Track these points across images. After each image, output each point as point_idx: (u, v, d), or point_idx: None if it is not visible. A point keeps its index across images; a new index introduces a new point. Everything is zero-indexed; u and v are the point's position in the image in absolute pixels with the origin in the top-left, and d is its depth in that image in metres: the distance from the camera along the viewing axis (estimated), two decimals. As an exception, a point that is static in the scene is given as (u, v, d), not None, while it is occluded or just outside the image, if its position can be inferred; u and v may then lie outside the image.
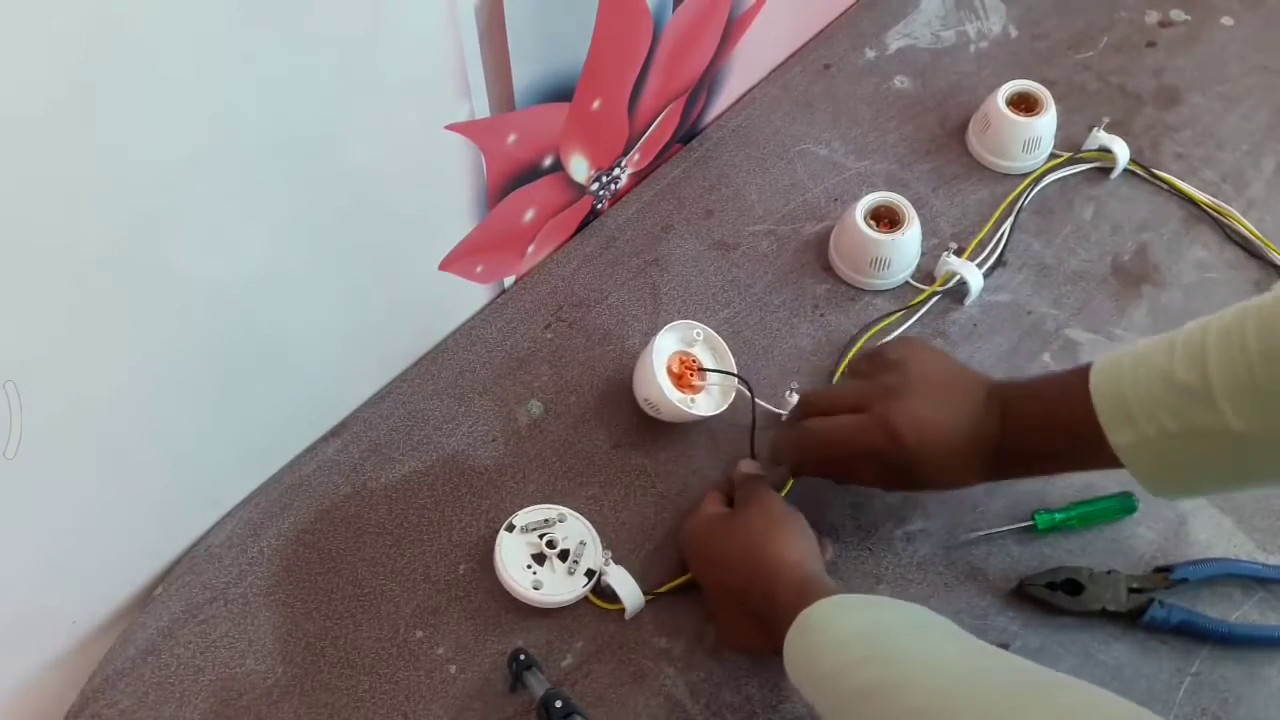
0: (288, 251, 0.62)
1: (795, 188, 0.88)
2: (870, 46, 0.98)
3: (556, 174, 0.77)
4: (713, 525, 0.66)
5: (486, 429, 0.76)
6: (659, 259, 0.84)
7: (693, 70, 0.84)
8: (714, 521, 0.67)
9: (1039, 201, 0.87)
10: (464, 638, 0.68)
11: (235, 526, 0.72)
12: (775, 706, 0.65)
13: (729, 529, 0.65)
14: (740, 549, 0.63)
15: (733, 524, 0.65)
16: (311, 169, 0.59)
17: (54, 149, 0.46)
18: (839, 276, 0.83)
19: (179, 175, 0.52)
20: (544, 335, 0.81)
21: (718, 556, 0.65)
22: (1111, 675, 0.66)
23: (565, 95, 0.72)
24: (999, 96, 0.86)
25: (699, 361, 0.75)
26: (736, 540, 0.64)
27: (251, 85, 0.52)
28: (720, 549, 0.65)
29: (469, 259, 0.76)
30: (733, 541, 0.64)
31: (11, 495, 0.56)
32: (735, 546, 0.64)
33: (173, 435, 0.64)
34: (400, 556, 0.71)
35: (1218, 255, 0.84)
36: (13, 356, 0.51)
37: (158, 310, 0.56)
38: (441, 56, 0.61)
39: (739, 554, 0.63)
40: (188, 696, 0.66)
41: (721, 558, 0.64)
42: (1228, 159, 0.89)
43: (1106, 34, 0.98)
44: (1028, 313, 0.81)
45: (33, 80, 0.43)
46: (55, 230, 0.49)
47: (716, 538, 0.65)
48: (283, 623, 0.69)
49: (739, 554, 0.63)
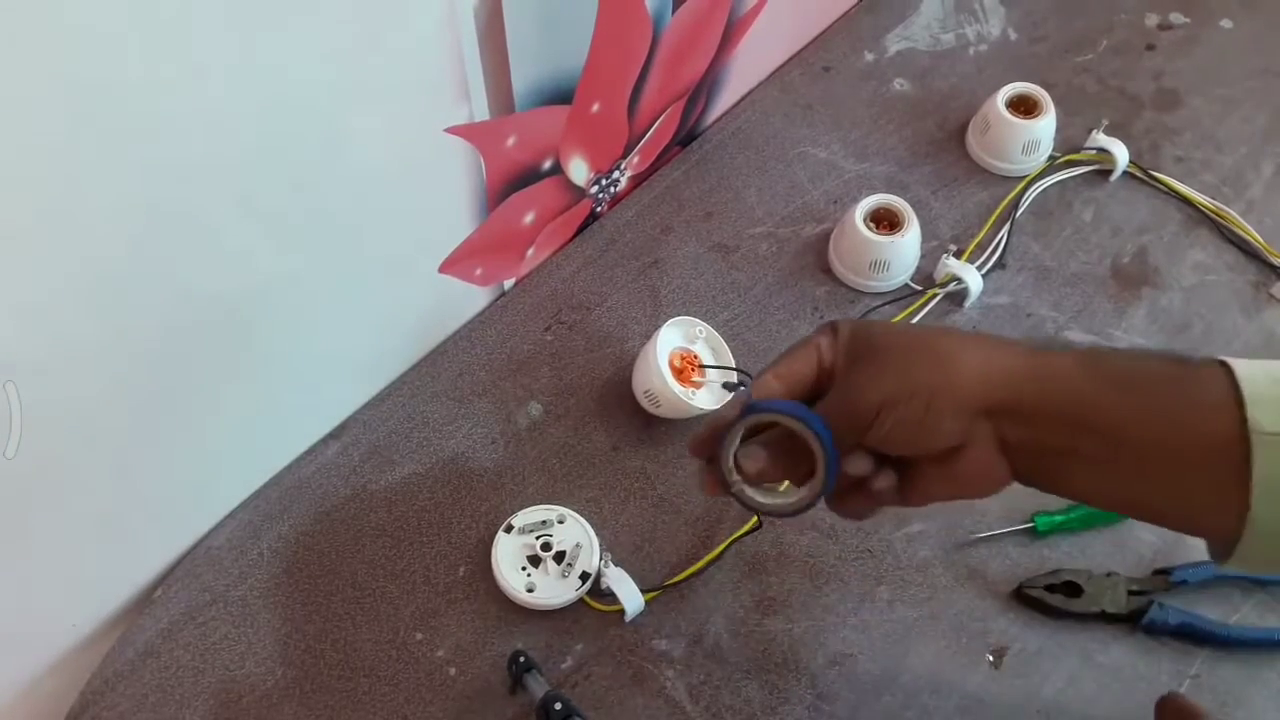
0: (287, 254, 0.62)
1: (795, 190, 0.88)
2: (870, 49, 0.98)
3: (556, 176, 0.77)
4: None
5: (486, 431, 0.76)
6: (659, 261, 0.84)
7: (692, 73, 0.84)
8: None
9: (1038, 204, 0.87)
10: (464, 640, 0.68)
11: (235, 529, 0.72)
12: (774, 709, 0.65)
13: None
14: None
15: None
16: (310, 172, 0.59)
17: (54, 149, 0.46)
18: (839, 279, 0.83)
19: (179, 177, 0.52)
20: (544, 337, 0.81)
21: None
22: (1111, 677, 0.66)
23: (565, 98, 0.72)
24: (998, 99, 0.86)
25: (700, 359, 0.75)
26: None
27: (250, 88, 0.52)
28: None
29: (468, 261, 0.77)
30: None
31: (11, 495, 0.56)
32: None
33: (172, 436, 0.64)
34: (400, 559, 0.71)
35: (1217, 257, 0.84)
36: (13, 356, 0.51)
37: (157, 311, 0.57)
38: (440, 59, 0.61)
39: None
40: (187, 699, 0.66)
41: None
42: (1227, 161, 0.89)
43: (1106, 36, 0.98)
44: (1027, 315, 0.81)
45: (32, 80, 0.43)
46: (55, 231, 0.49)
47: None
48: (282, 625, 0.69)
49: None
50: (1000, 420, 0.48)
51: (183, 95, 0.49)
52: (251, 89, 0.52)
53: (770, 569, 0.70)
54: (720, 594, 0.69)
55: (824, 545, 0.71)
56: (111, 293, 0.53)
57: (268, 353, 0.66)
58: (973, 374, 0.48)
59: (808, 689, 0.66)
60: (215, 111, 0.51)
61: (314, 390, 0.73)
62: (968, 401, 0.48)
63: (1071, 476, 0.49)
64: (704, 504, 0.73)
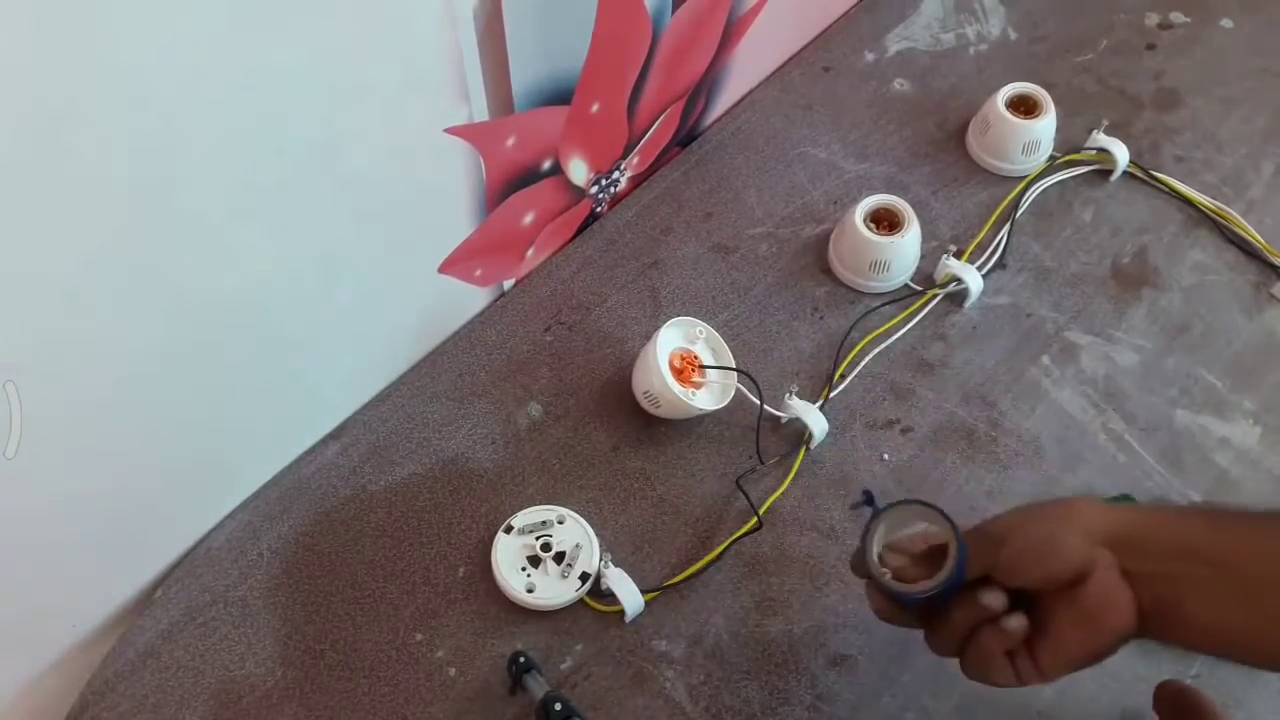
0: (286, 254, 0.62)
1: (795, 190, 0.88)
2: (870, 49, 0.98)
3: (556, 177, 0.77)
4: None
5: (486, 431, 0.76)
6: (658, 262, 0.84)
7: (692, 73, 0.84)
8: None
9: (1038, 204, 0.87)
10: (463, 640, 0.68)
11: (235, 529, 0.72)
12: (774, 709, 0.65)
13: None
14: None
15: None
16: (310, 172, 0.59)
17: (53, 149, 0.46)
18: (838, 279, 0.83)
19: (178, 177, 0.52)
20: (543, 338, 0.81)
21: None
22: (1111, 677, 0.65)
23: (564, 98, 0.72)
24: (999, 99, 0.86)
25: (700, 359, 0.75)
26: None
27: (249, 88, 0.52)
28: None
29: (468, 262, 0.77)
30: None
31: (11, 495, 0.56)
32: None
33: (172, 437, 0.64)
34: (400, 559, 0.71)
35: (1217, 257, 0.84)
36: (13, 356, 0.51)
37: (157, 312, 0.57)
38: (440, 59, 0.61)
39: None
40: (187, 699, 0.66)
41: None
42: (1227, 161, 0.89)
43: (1106, 36, 0.98)
44: (1027, 315, 0.81)
45: (31, 80, 0.43)
46: (55, 231, 0.49)
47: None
48: (282, 625, 0.69)
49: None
50: (1120, 549, 0.52)
51: (182, 96, 0.49)
52: (251, 89, 0.52)
53: (770, 569, 0.70)
54: (720, 594, 0.69)
55: (824, 545, 0.71)
56: (111, 294, 0.53)
57: (267, 352, 0.66)
58: (1095, 508, 0.54)
59: (808, 689, 0.66)
60: (215, 111, 0.51)
61: (314, 390, 0.73)
62: (1091, 526, 0.52)
63: (1186, 602, 0.51)
64: (704, 504, 0.73)
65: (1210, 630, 0.51)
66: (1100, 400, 0.77)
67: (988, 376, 0.78)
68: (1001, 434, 0.76)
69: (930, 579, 0.54)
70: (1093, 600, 0.51)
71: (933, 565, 0.55)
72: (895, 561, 0.56)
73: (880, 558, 0.56)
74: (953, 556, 0.53)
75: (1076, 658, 0.53)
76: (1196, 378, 0.78)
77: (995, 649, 0.54)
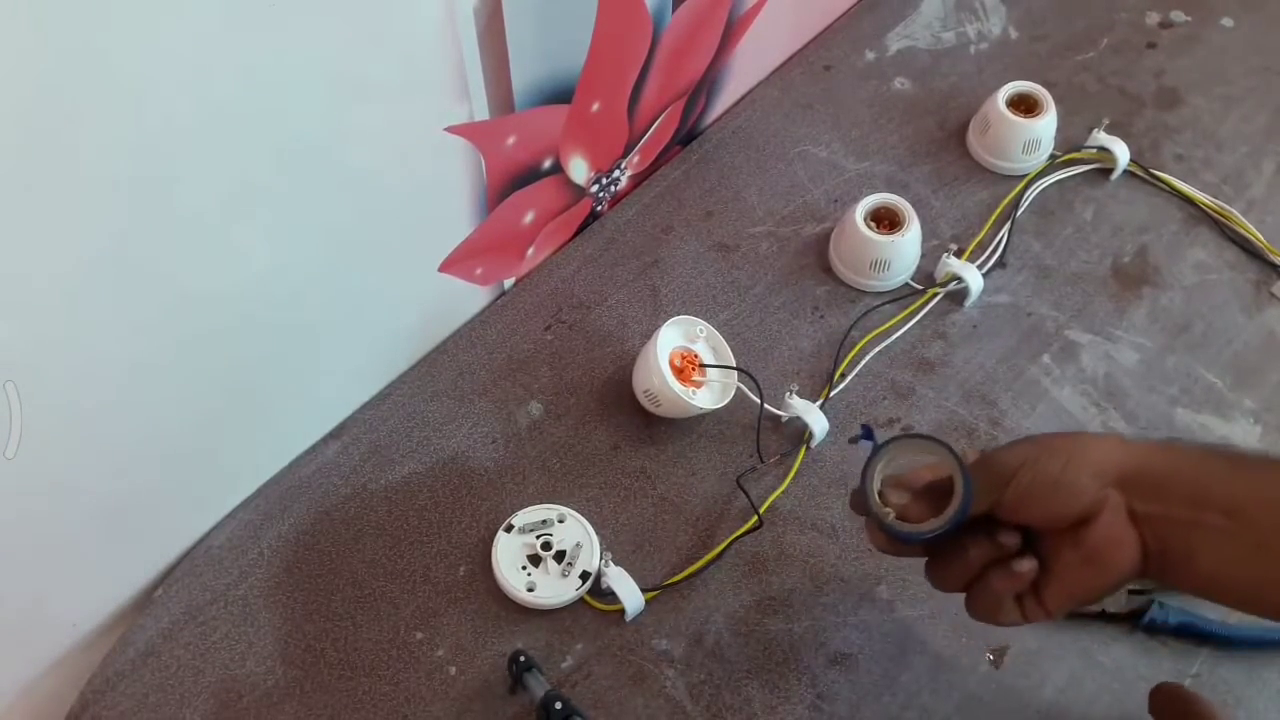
0: (287, 254, 0.62)
1: (795, 189, 0.88)
2: (870, 48, 0.98)
3: (556, 176, 0.77)
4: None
5: (486, 430, 0.76)
6: (659, 261, 0.84)
7: (692, 72, 0.84)
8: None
9: (1039, 203, 0.87)
10: (464, 639, 0.68)
11: (235, 528, 0.72)
12: (774, 708, 0.65)
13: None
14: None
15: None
16: (310, 171, 0.59)
17: (53, 149, 0.46)
18: (839, 278, 0.83)
19: (178, 177, 0.52)
20: (544, 337, 0.81)
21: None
22: (1111, 677, 0.65)
23: (565, 97, 0.72)
24: (999, 98, 0.86)
25: (700, 358, 0.75)
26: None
27: (249, 88, 0.52)
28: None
29: (469, 261, 0.77)
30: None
31: (11, 495, 0.56)
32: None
33: (172, 436, 0.64)
34: (400, 558, 0.71)
35: (1218, 256, 0.84)
36: (13, 356, 0.51)
37: (157, 311, 0.57)
38: (440, 58, 0.61)
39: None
40: (188, 698, 0.66)
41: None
42: (1228, 160, 0.89)
43: (1106, 35, 0.98)
44: (1028, 314, 0.81)
45: (31, 80, 0.43)
46: (55, 231, 0.49)
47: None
48: (283, 624, 0.69)
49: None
50: (1130, 490, 0.50)
51: (182, 96, 0.49)
52: (251, 89, 0.52)
53: (770, 569, 0.70)
54: (720, 594, 0.69)
55: (824, 545, 0.71)
56: (111, 294, 0.53)
57: (267, 352, 0.66)
58: (1107, 445, 0.51)
59: (808, 689, 0.66)
60: (215, 111, 0.51)
61: (314, 390, 0.73)
62: (1102, 465, 0.50)
63: (1195, 552, 0.49)
64: (704, 503, 0.73)
65: (1216, 579, 0.50)
66: (1101, 399, 0.77)
67: (988, 375, 0.78)
68: (1002, 433, 0.76)
69: (935, 518, 0.52)
70: (1099, 542, 0.50)
71: (935, 500, 0.52)
72: (896, 498, 0.54)
73: (881, 495, 0.54)
74: (959, 495, 0.51)
75: (1081, 596, 0.52)
76: (1197, 376, 0.78)
77: (1005, 591, 0.53)
